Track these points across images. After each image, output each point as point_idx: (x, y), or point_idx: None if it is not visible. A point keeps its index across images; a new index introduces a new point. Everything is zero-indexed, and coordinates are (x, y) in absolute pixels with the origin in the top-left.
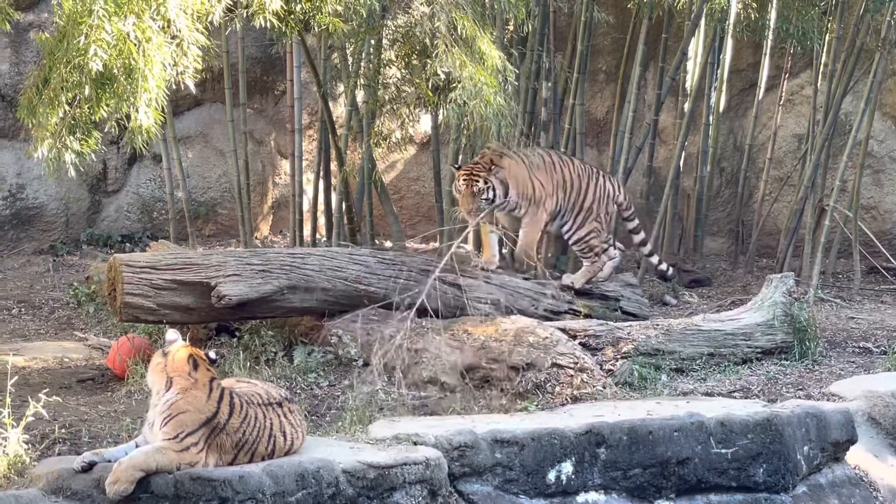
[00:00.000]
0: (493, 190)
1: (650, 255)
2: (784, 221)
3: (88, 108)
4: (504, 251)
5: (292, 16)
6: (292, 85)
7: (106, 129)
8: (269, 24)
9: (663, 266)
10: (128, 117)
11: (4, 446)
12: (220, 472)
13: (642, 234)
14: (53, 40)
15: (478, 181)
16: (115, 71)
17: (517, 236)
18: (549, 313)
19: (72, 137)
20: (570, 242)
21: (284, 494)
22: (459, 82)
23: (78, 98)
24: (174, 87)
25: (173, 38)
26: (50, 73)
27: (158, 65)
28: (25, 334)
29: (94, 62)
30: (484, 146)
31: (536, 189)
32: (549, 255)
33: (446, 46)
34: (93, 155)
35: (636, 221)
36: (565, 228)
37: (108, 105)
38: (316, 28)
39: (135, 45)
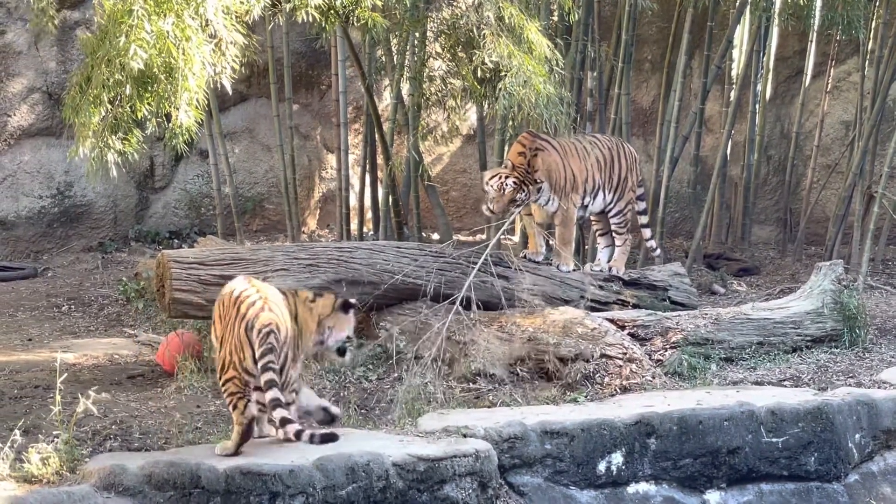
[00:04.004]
0: (529, 195)
1: (647, 225)
2: (832, 209)
3: (130, 107)
4: (552, 242)
5: (333, 10)
6: (337, 79)
7: (148, 130)
8: (311, 19)
9: (653, 243)
10: (168, 117)
11: (56, 443)
12: (271, 467)
13: (644, 204)
14: (95, 39)
15: (522, 191)
16: (156, 70)
17: (550, 226)
18: (597, 304)
19: (113, 137)
20: (611, 216)
21: (335, 488)
22: (508, 71)
23: (119, 97)
24: (215, 86)
25: (212, 37)
26: (92, 72)
27: (198, 64)
28: (75, 331)
29: (134, 61)
30: (520, 134)
31: (568, 179)
32: (597, 245)
33: (494, 36)
34: (135, 154)
35: (642, 189)
36: (607, 201)
37: (149, 104)
38: (356, 22)
39: (174, 44)
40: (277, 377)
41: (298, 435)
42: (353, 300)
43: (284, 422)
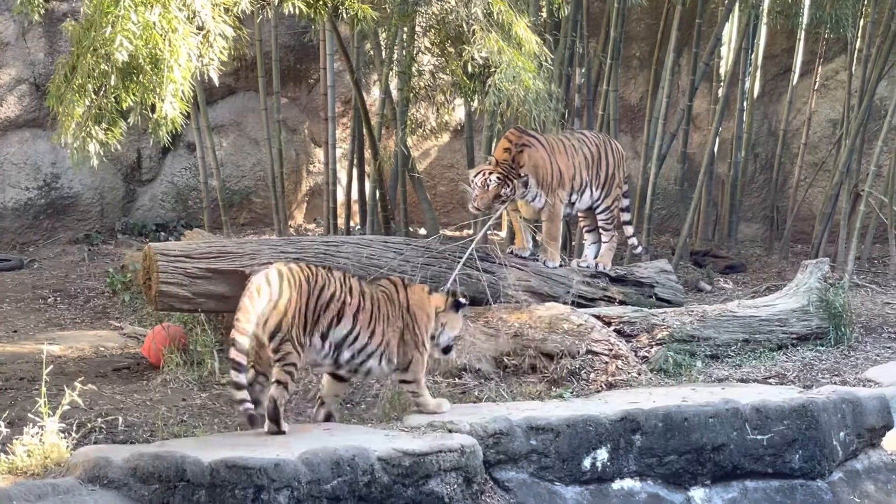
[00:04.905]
0: (514, 191)
1: (628, 222)
2: (819, 207)
3: (114, 97)
4: (539, 238)
5: (321, 1)
6: (325, 73)
7: (132, 121)
8: (298, 11)
9: (635, 240)
10: (153, 108)
11: (41, 435)
12: (256, 460)
13: (627, 201)
14: (81, 29)
15: (507, 186)
16: (142, 61)
17: (537, 222)
18: (584, 300)
19: (97, 127)
20: (598, 213)
21: (320, 482)
22: (498, 67)
23: (104, 87)
24: (202, 79)
25: (200, 29)
26: (77, 61)
27: (184, 55)
28: (61, 323)
29: (120, 52)
30: (508, 130)
31: (555, 175)
32: (583, 241)
33: (483, 31)
34: (118, 145)
35: (626, 186)
36: (594, 197)
37: (134, 95)
38: (345, 14)
39: (161, 35)
40: (241, 337)
41: (240, 403)
42: (462, 299)
43: (234, 385)
